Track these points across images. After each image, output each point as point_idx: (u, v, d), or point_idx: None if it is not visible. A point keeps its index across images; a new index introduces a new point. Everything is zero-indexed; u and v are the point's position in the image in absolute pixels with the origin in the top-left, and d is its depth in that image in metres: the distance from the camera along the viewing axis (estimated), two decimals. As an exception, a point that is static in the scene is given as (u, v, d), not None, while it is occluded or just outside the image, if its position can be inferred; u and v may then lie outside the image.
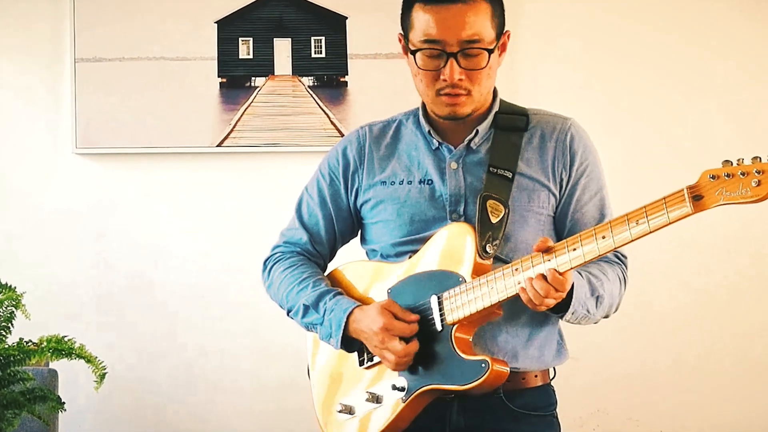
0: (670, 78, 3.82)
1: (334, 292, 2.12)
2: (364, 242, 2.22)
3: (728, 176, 1.71)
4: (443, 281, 2.00)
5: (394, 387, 2.02)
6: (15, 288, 2.57)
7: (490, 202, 2.02)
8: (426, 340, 2.00)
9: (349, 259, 2.22)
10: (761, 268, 3.82)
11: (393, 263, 2.11)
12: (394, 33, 2.11)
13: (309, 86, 3.80)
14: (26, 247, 3.77)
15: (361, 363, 2.09)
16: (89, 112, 3.73)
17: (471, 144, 2.10)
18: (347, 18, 3.80)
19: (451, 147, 2.11)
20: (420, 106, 2.15)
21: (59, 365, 3.02)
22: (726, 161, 1.72)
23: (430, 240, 2.06)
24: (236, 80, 3.80)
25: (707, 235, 3.75)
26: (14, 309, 2.54)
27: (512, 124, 2.11)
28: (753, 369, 3.82)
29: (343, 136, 2.32)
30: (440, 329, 1.99)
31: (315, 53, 3.81)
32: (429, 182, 2.10)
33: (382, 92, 3.73)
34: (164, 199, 3.81)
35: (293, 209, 2.27)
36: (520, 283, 1.90)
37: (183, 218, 3.81)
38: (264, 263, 2.27)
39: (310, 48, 3.81)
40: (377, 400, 2.05)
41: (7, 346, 2.52)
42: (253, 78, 3.81)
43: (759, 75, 3.85)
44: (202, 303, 3.79)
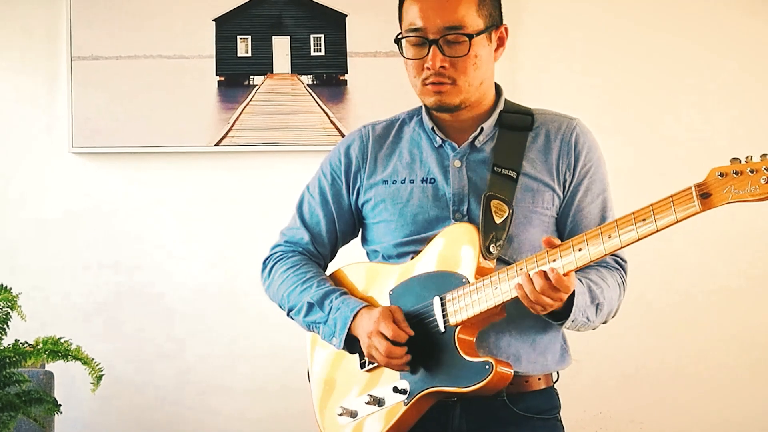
0: (672, 78, 3.82)
1: (340, 291, 2.10)
2: (366, 243, 2.20)
3: (737, 174, 1.69)
4: (446, 282, 1.98)
5: (396, 389, 2.00)
6: (10, 289, 2.56)
7: (494, 202, 2.00)
8: (428, 342, 1.97)
9: (349, 260, 2.19)
10: (762, 270, 3.82)
11: (395, 264, 2.09)
12: (394, 31, 2.10)
13: (308, 85, 3.77)
14: (21, 248, 3.75)
15: (362, 365, 2.07)
16: (85, 111, 3.70)
17: (475, 142, 2.08)
18: (347, 16, 3.78)
19: (455, 145, 2.09)
20: (423, 104, 2.13)
21: (55, 367, 3.00)
22: (734, 158, 1.70)
23: (433, 240, 2.04)
24: (234, 78, 3.77)
25: (708, 237, 3.74)
26: (10, 310, 2.53)
27: (517, 124, 2.09)
28: (755, 371, 3.81)
29: (345, 135, 2.31)
30: (443, 331, 1.97)
31: (314, 51, 3.78)
32: (432, 181, 2.08)
33: (382, 91, 3.70)
34: (162, 199, 3.78)
35: (294, 208, 2.25)
36: (524, 284, 1.87)
37: (180, 218, 3.79)
38: (264, 263, 2.25)
39: (310, 46, 3.78)
40: (378, 403, 2.02)
41: (3, 348, 2.51)
42: (252, 76, 3.78)
43: (761, 74, 3.84)
44: (200, 303, 3.77)
